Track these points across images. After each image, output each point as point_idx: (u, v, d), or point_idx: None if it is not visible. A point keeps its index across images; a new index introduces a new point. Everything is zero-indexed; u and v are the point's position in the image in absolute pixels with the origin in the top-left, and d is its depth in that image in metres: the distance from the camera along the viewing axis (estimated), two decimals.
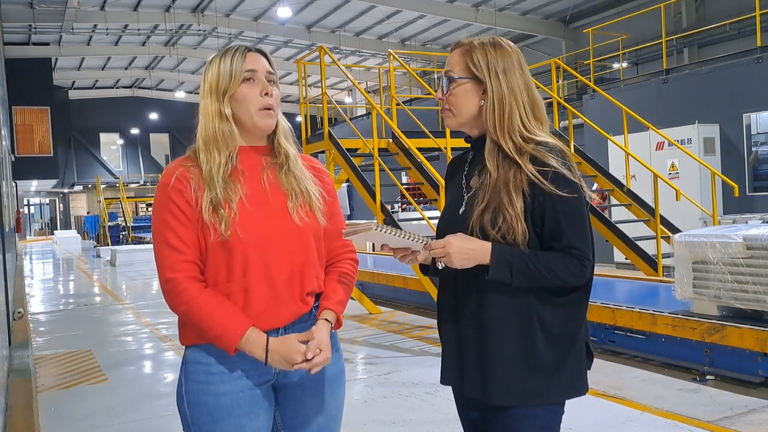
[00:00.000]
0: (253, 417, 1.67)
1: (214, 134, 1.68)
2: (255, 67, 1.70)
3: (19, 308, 7.72)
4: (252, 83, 1.69)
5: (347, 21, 21.79)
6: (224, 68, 1.69)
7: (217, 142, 1.68)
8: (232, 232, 1.62)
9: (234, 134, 1.70)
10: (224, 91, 1.68)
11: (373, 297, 8.25)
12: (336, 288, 1.79)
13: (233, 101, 1.69)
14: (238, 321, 1.61)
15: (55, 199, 39.94)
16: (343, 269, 1.83)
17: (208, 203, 1.63)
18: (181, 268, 1.62)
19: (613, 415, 3.91)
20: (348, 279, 1.83)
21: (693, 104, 10.85)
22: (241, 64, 1.69)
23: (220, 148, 1.68)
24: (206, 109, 1.70)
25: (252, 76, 1.69)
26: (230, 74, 1.68)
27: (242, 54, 1.70)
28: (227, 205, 1.64)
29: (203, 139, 1.69)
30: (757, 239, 4.57)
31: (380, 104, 9.41)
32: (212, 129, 1.68)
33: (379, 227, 1.59)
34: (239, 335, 1.60)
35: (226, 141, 1.68)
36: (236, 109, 1.70)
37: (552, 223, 1.63)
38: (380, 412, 4.15)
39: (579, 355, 1.69)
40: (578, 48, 18.92)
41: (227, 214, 1.63)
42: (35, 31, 22.30)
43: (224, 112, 1.68)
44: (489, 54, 1.71)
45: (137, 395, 4.81)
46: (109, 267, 16.36)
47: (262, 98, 1.70)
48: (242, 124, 1.71)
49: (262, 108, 1.70)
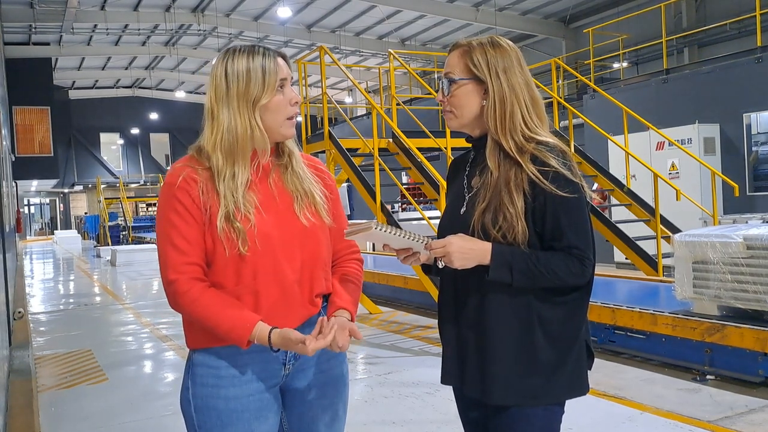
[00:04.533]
0: (262, 420, 1.66)
1: (242, 141, 1.62)
2: (285, 75, 1.66)
3: (20, 308, 7.72)
4: (282, 91, 1.65)
5: (347, 21, 21.79)
6: (255, 74, 1.62)
7: (245, 153, 1.63)
8: (250, 246, 1.58)
9: (266, 142, 1.65)
10: (256, 99, 1.62)
11: (373, 297, 8.24)
12: (346, 288, 1.76)
13: (264, 110, 1.63)
14: (245, 314, 1.58)
15: (56, 199, 39.94)
16: (349, 269, 1.81)
17: (223, 217, 1.59)
18: (184, 270, 1.59)
19: (613, 415, 3.91)
20: (355, 279, 1.80)
21: (693, 104, 10.85)
22: (276, 73, 1.63)
23: (246, 161, 1.63)
24: (233, 116, 1.62)
25: (284, 84, 1.65)
26: (263, 82, 1.62)
27: (273, 59, 1.65)
28: (244, 217, 1.60)
29: (226, 148, 1.62)
30: (758, 239, 4.57)
31: (380, 104, 9.40)
32: (242, 138, 1.62)
33: (380, 226, 1.59)
34: (249, 328, 1.56)
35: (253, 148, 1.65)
36: (265, 117, 1.64)
37: (552, 222, 1.62)
38: (380, 412, 4.15)
39: (579, 355, 1.69)
40: (578, 48, 18.92)
41: (243, 227, 1.59)
42: (35, 31, 22.31)
43: (256, 120, 1.63)
44: (488, 53, 1.70)
45: (137, 395, 4.81)
46: (109, 267, 16.35)
47: (291, 108, 1.67)
48: (269, 132, 1.66)
49: (290, 117, 1.68)
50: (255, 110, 1.62)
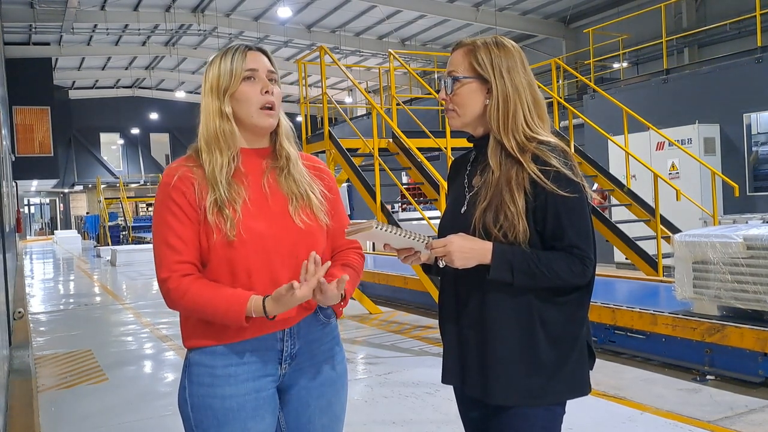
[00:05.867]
0: (259, 420, 1.66)
1: (215, 134, 1.67)
2: (256, 65, 1.69)
3: (20, 308, 7.72)
4: (252, 82, 1.68)
5: (347, 21, 21.78)
6: (225, 67, 1.68)
7: (218, 142, 1.67)
8: (237, 233, 1.60)
9: (235, 134, 1.68)
10: (225, 89, 1.67)
11: (373, 297, 8.25)
12: (343, 269, 1.74)
13: (234, 100, 1.68)
14: (237, 292, 1.59)
15: (56, 199, 39.95)
16: (349, 258, 1.80)
17: (212, 204, 1.62)
18: (176, 269, 1.61)
19: (613, 415, 3.91)
20: (355, 265, 1.79)
21: (693, 104, 10.85)
22: (242, 63, 1.68)
23: (222, 149, 1.66)
24: (207, 108, 1.69)
25: (253, 75, 1.68)
26: (231, 73, 1.67)
27: (243, 53, 1.69)
28: (231, 206, 1.62)
29: (205, 138, 1.68)
30: (758, 239, 4.57)
31: (380, 104, 9.40)
32: (213, 128, 1.67)
33: (380, 226, 1.58)
34: (244, 303, 1.57)
35: (227, 141, 1.67)
36: (237, 108, 1.68)
37: (553, 222, 1.63)
38: (380, 412, 4.15)
39: (580, 355, 1.69)
40: (578, 48, 18.92)
41: (231, 215, 1.61)
42: (36, 31, 22.32)
43: (225, 111, 1.67)
44: (493, 53, 1.71)
45: (137, 395, 4.81)
46: (110, 267, 16.36)
47: (263, 96, 1.69)
48: (243, 124, 1.70)
49: (263, 107, 1.69)
50: (225, 100, 1.68)
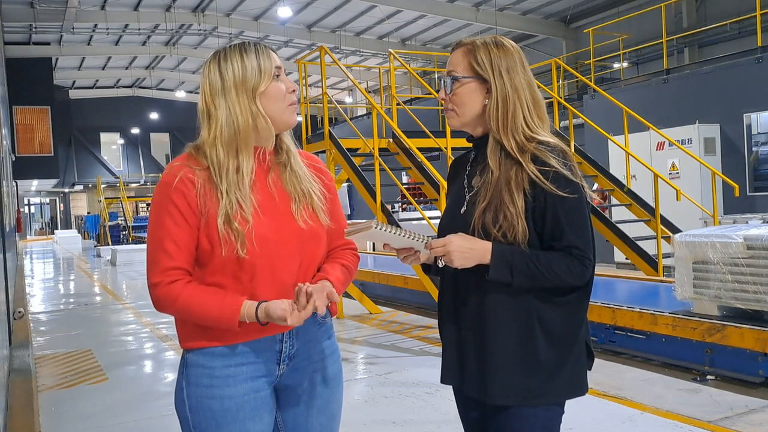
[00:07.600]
0: (257, 420, 1.66)
1: (244, 131, 1.62)
2: (280, 64, 1.69)
3: (20, 308, 7.72)
4: (279, 80, 1.68)
5: (347, 21, 21.78)
6: (251, 65, 1.64)
7: (246, 140, 1.63)
8: (248, 249, 1.58)
9: (270, 129, 1.66)
10: (254, 87, 1.64)
11: (373, 297, 8.25)
12: (334, 267, 1.73)
13: (264, 97, 1.65)
14: (229, 299, 1.58)
15: (56, 199, 39.94)
16: (343, 259, 1.78)
17: (223, 216, 1.58)
18: (168, 274, 1.59)
19: (613, 415, 3.90)
20: (348, 263, 1.78)
21: (693, 104, 10.85)
22: (270, 62, 1.66)
23: (249, 147, 1.64)
24: (233, 106, 1.62)
25: (279, 73, 1.68)
26: (260, 70, 1.64)
27: (265, 51, 1.68)
28: (242, 217, 1.59)
29: (227, 137, 1.62)
30: (758, 239, 4.57)
31: (380, 104, 9.41)
32: (244, 125, 1.62)
33: (380, 226, 1.58)
34: (237, 311, 1.56)
35: (259, 138, 1.66)
36: (266, 105, 1.65)
37: (553, 222, 1.62)
38: (380, 412, 4.15)
39: (579, 355, 1.69)
40: (578, 48, 18.92)
41: (242, 228, 1.58)
42: (36, 30, 22.31)
43: (258, 108, 1.64)
44: (492, 53, 1.71)
45: (137, 395, 4.81)
46: (110, 267, 16.37)
47: (290, 95, 1.70)
48: (272, 120, 1.67)
49: (290, 104, 1.70)
50: (255, 98, 1.64)
